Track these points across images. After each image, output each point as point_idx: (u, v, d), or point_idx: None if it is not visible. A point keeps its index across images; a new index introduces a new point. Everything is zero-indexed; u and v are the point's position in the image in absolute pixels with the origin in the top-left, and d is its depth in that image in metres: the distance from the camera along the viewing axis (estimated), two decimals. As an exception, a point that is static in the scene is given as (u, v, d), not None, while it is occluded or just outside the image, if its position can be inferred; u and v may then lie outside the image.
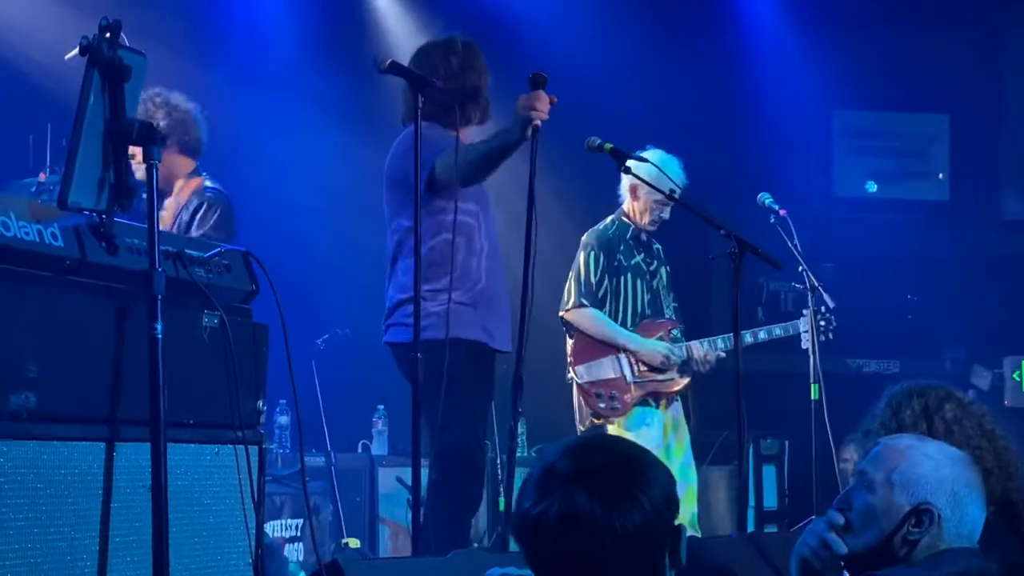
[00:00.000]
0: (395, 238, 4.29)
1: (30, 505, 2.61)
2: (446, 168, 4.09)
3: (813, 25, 8.05)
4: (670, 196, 4.95)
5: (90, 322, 2.79)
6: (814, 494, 5.41)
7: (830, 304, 5.70)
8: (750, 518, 6.64)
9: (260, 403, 3.24)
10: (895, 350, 7.47)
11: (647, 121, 6.95)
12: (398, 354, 4.19)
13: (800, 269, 5.60)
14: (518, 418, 3.85)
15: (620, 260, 5.39)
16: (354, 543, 5.60)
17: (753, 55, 8.11)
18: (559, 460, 1.87)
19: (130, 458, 2.82)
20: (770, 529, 6.76)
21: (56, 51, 3.42)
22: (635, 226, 5.46)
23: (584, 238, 5.45)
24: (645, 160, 4.81)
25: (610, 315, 5.36)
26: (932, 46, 8.18)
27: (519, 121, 3.89)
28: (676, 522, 1.87)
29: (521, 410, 3.83)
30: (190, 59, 6.65)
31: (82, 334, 2.77)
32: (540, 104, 3.85)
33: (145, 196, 2.79)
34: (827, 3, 8.07)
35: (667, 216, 5.44)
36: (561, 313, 5.38)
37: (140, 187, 2.82)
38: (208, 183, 4.85)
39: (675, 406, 5.48)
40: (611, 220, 5.49)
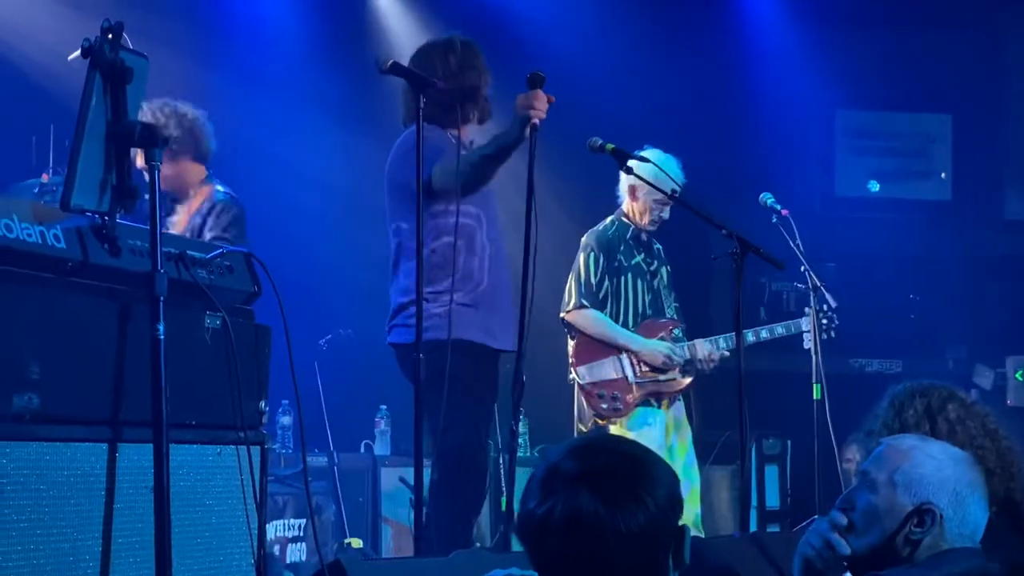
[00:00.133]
0: (396, 240, 4.30)
1: (33, 506, 2.61)
2: (444, 174, 4.09)
3: (815, 24, 8.04)
4: (672, 196, 4.95)
5: (92, 323, 2.80)
6: (816, 494, 5.40)
7: (832, 304, 5.70)
8: (752, 518, 6.64)
9: (262, 404, 3.25)
10: (897, 350, 7.47)
11: (648, 121, 6.95)
12: (401, 355, 4.20)
13: (802, 269, 5.60)
14: (519, 417, 3.86)
15: (620, 260, 5.39)
16: (357, 543, 5.60)
17: (755, 55, 8.10)
18: (563, 460, 1.87)
19: (133, 459, 2.82)
20: (772, 529, 6.76)
21: (59, 52, 3.43)
22: (635, 226, 5.46)
23: (584, 239, 5.45)
24: (647, 160, 4.81)
25: (611, 316, 5.36)
26: (934, 46, 8.18)
27: (517, 121, 3.90)
28: (680, 522, 1.88)
29: (523, 410, 3.83)
30: (192, 60, 6.67)
31: (85, 335, 2.77)
32: (538, 103, 3.85)
33: (148, 197, 2.80)
34: (829, 3, 8.06)
35: (667, 216, 5.44)
36: (562, 315, 5.38)
37: (142, 188, 2.82)
38: (220, 188, 4.91)
39: (677, 406, 5.48)
40: (611, 221, 5.49)
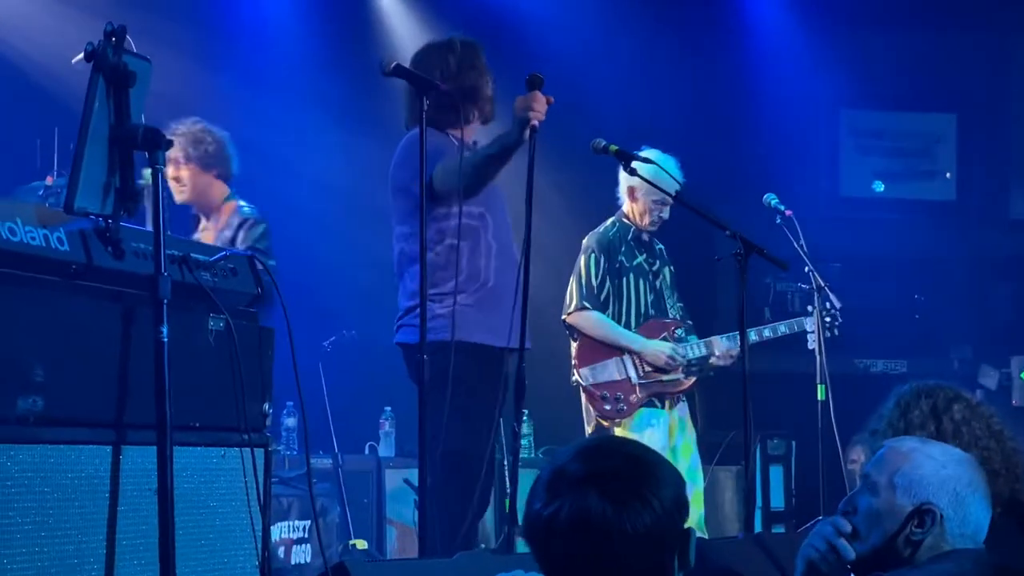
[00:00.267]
0: (401, 244, 4.29)
1: (37, 509, 2.61)
2: (445, 175, 4.09)
3: (820, 24, 8.04)
4: (675, 196, 4.95)
5: (96, 326, 2.80)
6: (821, 495, 5.40)
7: (836, 304, 5.69)
8: (757, 519, 6.63)
9: (266, 406, 3.25)
10: (902, 350, 7.46)
11: (653, 121, 6.96)
12: (407, 355, 4.20)
13: (806, 269, 5.59)
14: (521, 419, 3.85)
15: (622, 261, 5.39)
16: (361, 544, 5.60)
17: (759, 55, 8.10)
18: (570, 462, 1.87)
19: (136, 461, 2.83)
20: (777, 530, 6.75)
21: (63, 55, 3.43)
22: (635, 227, 5.46)
23: (585, 241, 5.45)
24: (650, 161, 4.80)
25: (613, 317, 5.36)
26: (939, 45, 8.17)
27: (517, 123, 3.89)
28: (685, 524, 1.88)
29: (527, 411, 3.83)
30: (194, 61, 6.68)
31: (88, 338, 2.78)
32: (537, 105, 3.84)
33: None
34: (834, 2, 8.06)
35: (667, 216, 5.44)
36: (563, 317, 5.38)
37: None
38: (244, 204, 5.11)
39: (681, 406, 5.48)
40: (611, 222, 5.49)
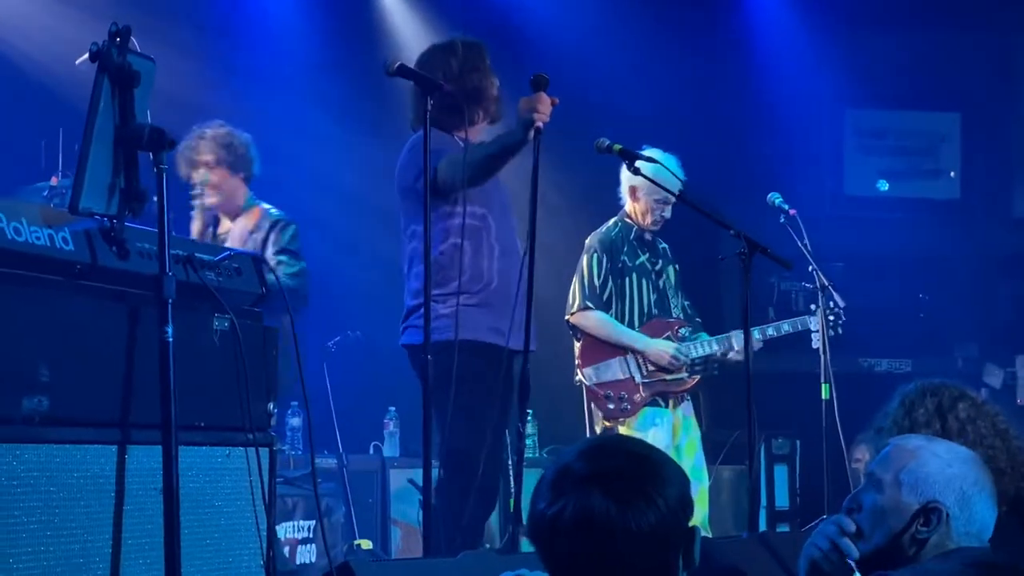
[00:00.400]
0: (409, 244, 4.30)
1: (43, 508, 2.62)
2: (448, 166, 4.09)
3: (823, 24, 8.03)
4: (679, 196, 4.95)
5: (101, 326, 2.81)
6: (825, 494, 5.40)
7: (840, 303, 5.69)
8: (761, 518, 6.63)
9: (271, 405, 3.25)
10: (907, 349, 7.45)
11: (657, 121, 6.95)
12: (412, 355, 4.20)
13: (810, 268, 5.60)
14: (525, 419, 3.85)
15: (624, 261, 5.39)
16: (366, 544, 5.60)
17: (763, 54, 8.10)
18: (574, 461, 1.87)
19: (142, 461, 2.83)
20: (782, 529, 6.76)
21: (67, 56, 3.44)
22: (638, 227, 5.47)
23: (587, 241, 5.45)
24: (653, 160, 4.80)
25: (616, 316, 5.36)
26: (943, 45, 8.16)
27: (521, 123, 3.89)
28: (690, 523, 1.88)
29: (531, 411, 3.83)
30: (197, 61, 6.67)
31: (93, 338, 2.78)
32: (541, 106, 3.84)
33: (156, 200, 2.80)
34: (837, 2, 8.05)
35: (668, 215, 5.44)
36: (566, 317, 5.39)
37: (151, 192, 2.83)
38: (270, 207, 5.22)
39: (685, 406, 5.48)
40: (614, 222, 5.50)
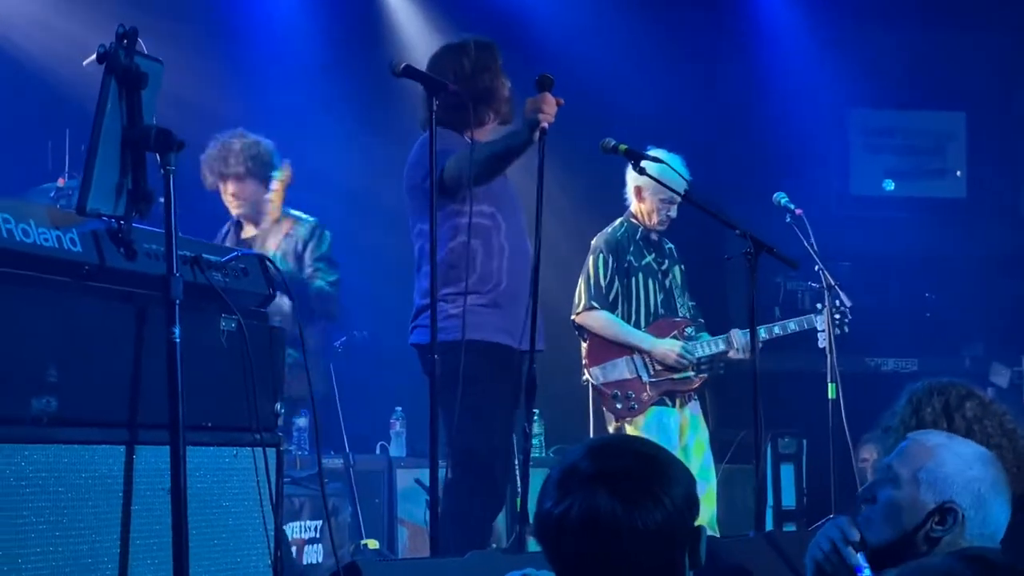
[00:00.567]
0: (417, 243, 4.29)
1: (51, 508, 2.63)
2: (455, 163, 4.09)
3: (829, 23, 8.03)
4: (684, 196, 4.95)
5: (109, 327, 2.82)
6: (832, 493, 5.39)
7: (847, 303, 5.69)
8: (768, 517, 6.63)
9: (278, 406, 3.26)
10: (913, 348, 7.44)
11: (662, 121, 6.95)
12: (422, 355, 4.20)
13: (816, 268, 5.59)
14: (532, 419, 3.85)
15: (630, 261, 5.40)
16: (373, 544, 5.60)
17: (768, 54, 8.09)
18: (580, 460, 1.87)
19: (150, 461, 2.84)
20: (788, 528, 6.75)
21: (73, 57, 3.44)
22: (643, 227, 5.47)
23: (593, 242, 5.46)
24: (659, 160, 4.81)
25: (623, 316, 5.37)
26: (949, 44, 8.15)
27: (526, 124, 3.88)
28: (696, 523, 1.88)
29: (536, 410, 3.82)
30: (201, 61, 6.68)
31: (101, 339, 2.79)
32: (547, 107, 3.83)
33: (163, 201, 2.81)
34: (843, 1, 8.05)
35: (674, 215, 5.44)
36: (572, 317, 5.39)
37: (157, 192, 2.83)
38: (301, 214, 5.41)
39: (692, 405, 5.48)
40: (619, 222, 5.50)
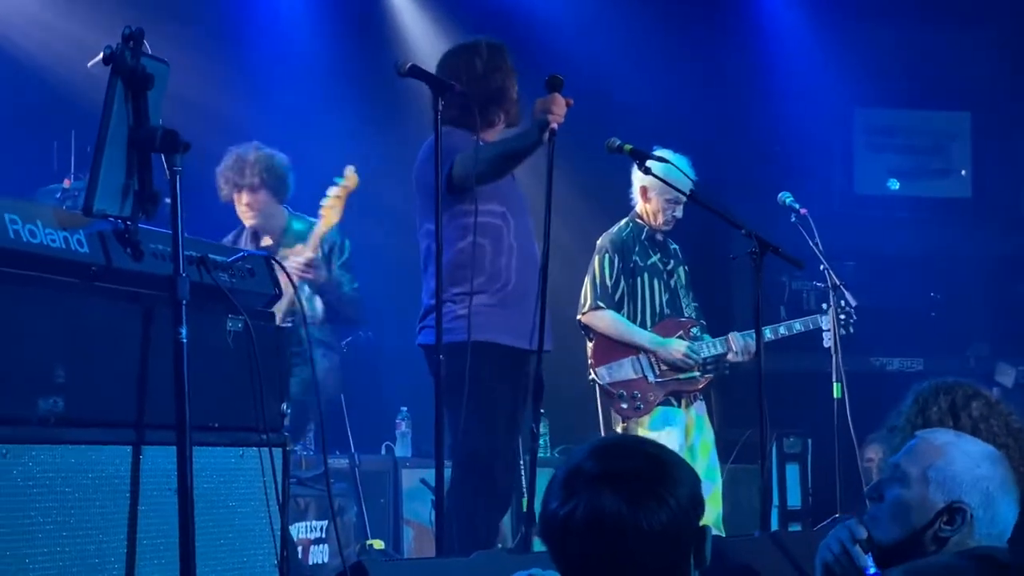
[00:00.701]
0: (425, 243, 4.28)
1: (59, 509, 2.63)
2: (463, 167, 4.09)
3: (833, 22, 8.02)
4: (690, 196, 4.95)
5: (116, 327, 2.82)
6: (837, 493, 5.40)
7: (852, 302, 5.69)
8: (773, 517, 6.63)
9: (284, 406, 3.26)
10: (918, 348, 7.44)
11: (667, 120, 6.96)
12: (429, 355, 4.19)
13: (822, 268, 5.60)
14: (539, 419, 3.85)
15: (636, 261, 5.40)
16: (378, 544, 5.61)
17: (773, 54, 8.09)
18: (585, 461, 1.88)
19: (156, 461, 2.84)
20: (794, 528, 6.75)
21: (79, 58, 3.45)
22: (649, 227, 5.47)
23: (599, 241, 5.47)
24: (664, 160, 4.81)
25: (629, 316, 5.37)
26: (953, 43, 8.15)
27: (536, 125, 3.88)
28: (701, 523, 1.88)
29: (543, 411, 3.83)
30: (206, 60, 6.69)
31: (108, 339, 2.79)
32: (556, 107, 3.83)
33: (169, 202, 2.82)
34: (848, 0, 8.04)
35: (680, 215, 5.45)
36: (578, 316, 5.40)
37: (163, 193, 2.84)
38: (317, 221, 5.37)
39: (698, 405, 5.48)
40: (625, 222, 5.51)
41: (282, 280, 3.32)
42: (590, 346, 5.41)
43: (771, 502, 6.55)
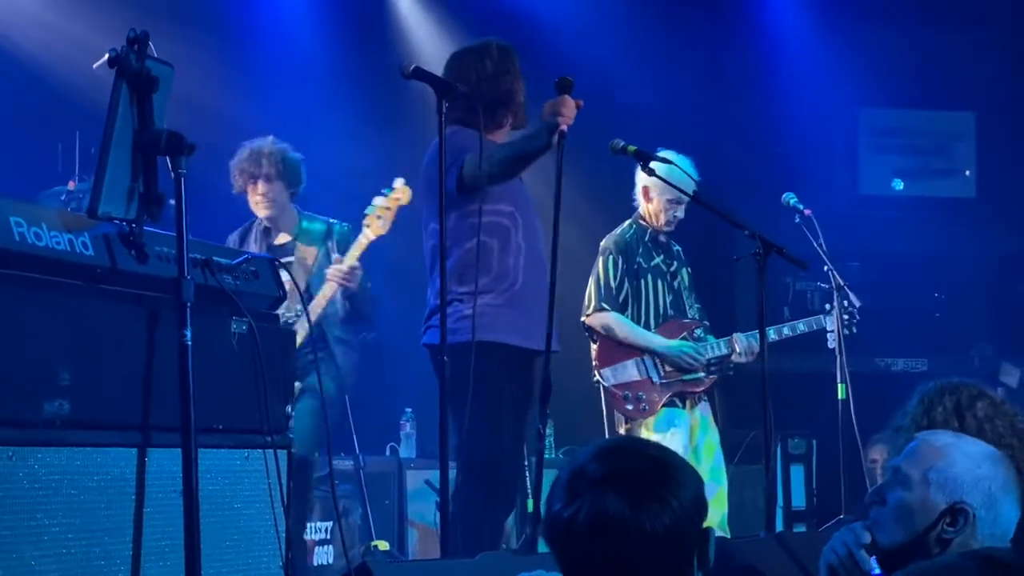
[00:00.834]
0: (431, 242, 4.26)
1: (65, 511, 2.64)
2: (474, 168, 4.09)
3: (837, 23, 8.02)
4: (693, 196, 4.95)
5: (121, 330, 2.83)
6: (842, 493, 5.40)
7: (856, 303, 5.69)
8: (778, 518, 6.63)
9: (288, 408, 3.26)
10: (922, 348, 7.44)
11: (671, 122, 6.96)
12: (434, 355, 4.18)
13: (826, 268, 5.59)
14: (546, 420, 3.85)
15: (639, 263, 5.40)
16: (383, 545, 5.62)
17: (777, 55, 8.09)
18: (588, 463, 1.88)
19: (162, 463, 2.85)
20: (798, 529, 6.75)
21: (84, 60, 3.46)
22: (652, 228, 5.47)
23: (603, 243, 5.47)
24: (668, 161, 4.80)
25: (633, 318, 5.37)
26: (958, 43, 8.14)
27: (545, 127, 3.87)
28: (705, 524, 1.88)
29: (548, 412, 3.82)
30: (210, 60, 6.70)
31: (113, 342, 2.80)
32: (566, 110, 3.82)
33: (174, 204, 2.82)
34: (851, 1, 8.04)
35: (682, 215, 5.44)
36: (583, 318, 5.40)
37: (168, 196, 2.84)
38: (330, 219, 5.46)
39: (703, 406, 5.48)
40: (628, 224, 5.51)
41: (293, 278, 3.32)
42: (594, 348, 5.42)
43: (775, 503, 6.55)
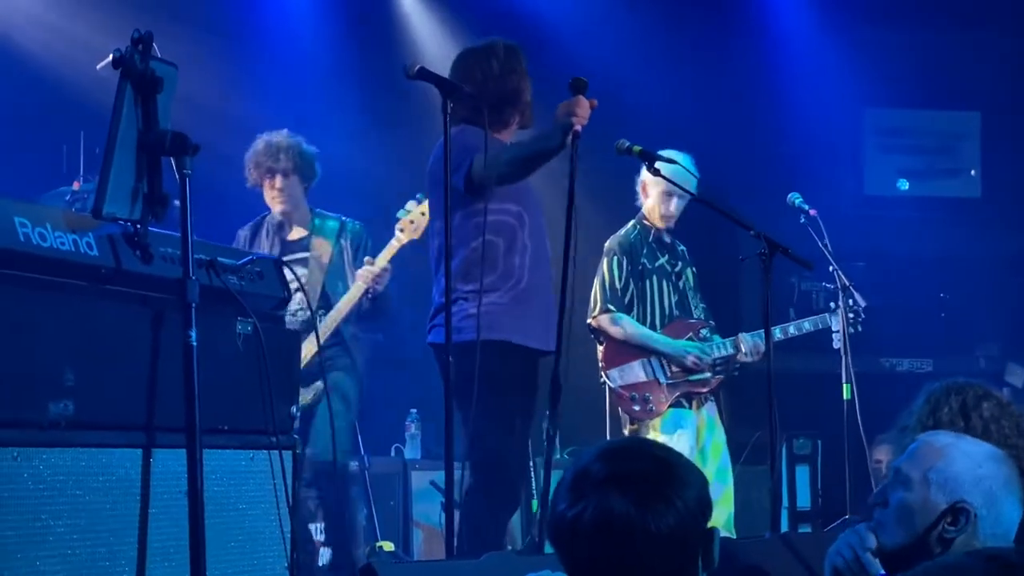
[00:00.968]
0: (436, 241, 4.27)
1: (69, 511, 2.64)
2: (483, 167, 4.08)
3: (842, 23, 8.01)
4: (699, 198, 4.95)
5: (126, 330, 2.83)
6: (847, 494, 5.38)
7: (861, 303, 5.68)
8: (783, 518, 6.62)
9: (293, 408, 3.27)
10: (928, 349, 7.42)
11: (676, 121, 6.95)
12: (438, 354, 4.19)
13: (831, 268, 5.58)
14: (556, 421, 3.84)
15: (644, 263, 5.40)
16: (388, 546, 5.62)
17: (782, 55, 8.07)
18: (593, 463, 1.88)
19: (167, 464, 2.85)
20: (804, 529, 6.74)
21: (88, 60, 3.46)
22: (655, 228, 5.47)
23: (607, 244, 5.47)
24: (674, 162, 4.80)
25: (638, 318, 5.37)
26: (963, 43, 8.12)
27: (559, 127, 3.85)
28: (710, 524, 1.88)
29: (559, 412, 3.82)
30: (217, 64, 6.70)
31: (118, 342, 2.80)
32: (581, 110, 3.80)
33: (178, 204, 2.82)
34: (856, 1, 8.03)
35: (676, 211, 5.44)
36: (589, 320, 5.40)
37: (173, 196, 2.84)
38: (342, 216, 5.51)
39: (709, 406, 5.48)
40: (632, 225, 5.51)
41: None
42: (600, 349, 5.41)
43: (781, 503, 6.54)
